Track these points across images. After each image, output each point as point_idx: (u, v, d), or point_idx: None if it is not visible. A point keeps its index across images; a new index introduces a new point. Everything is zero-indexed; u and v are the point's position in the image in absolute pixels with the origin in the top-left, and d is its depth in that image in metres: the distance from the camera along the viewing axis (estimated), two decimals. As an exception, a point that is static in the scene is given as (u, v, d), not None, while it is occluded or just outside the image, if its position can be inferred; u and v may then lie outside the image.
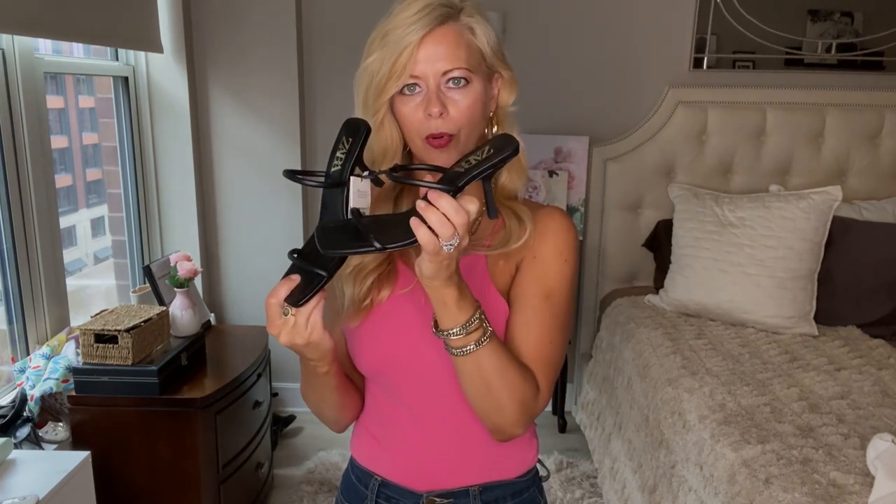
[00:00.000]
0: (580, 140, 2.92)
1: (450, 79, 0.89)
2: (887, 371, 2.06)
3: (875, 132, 2.83)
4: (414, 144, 0.93)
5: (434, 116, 0.88)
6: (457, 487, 0.99)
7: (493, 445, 0.97)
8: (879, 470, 1.41)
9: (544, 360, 0.93)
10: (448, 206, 0.74)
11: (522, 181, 0.98)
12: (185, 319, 2.19)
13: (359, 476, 1.05)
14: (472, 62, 0.90)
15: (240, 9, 2.78)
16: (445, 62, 0.88)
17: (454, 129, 0.90)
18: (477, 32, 0.92)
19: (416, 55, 0.87)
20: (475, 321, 0.83)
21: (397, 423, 1.00)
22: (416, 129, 0.90)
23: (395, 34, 0.88)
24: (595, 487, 2.56)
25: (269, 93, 2.86)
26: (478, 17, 0.93)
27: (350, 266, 0.95)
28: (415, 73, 0.88)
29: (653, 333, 2.39)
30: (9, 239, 2.00)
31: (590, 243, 3.01)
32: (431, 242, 0.74)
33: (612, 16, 2.88)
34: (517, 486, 1.02)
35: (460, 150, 0.91)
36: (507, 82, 0.96)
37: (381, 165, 0.93)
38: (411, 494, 1.00)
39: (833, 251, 2.50)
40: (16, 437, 1.77)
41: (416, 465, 0.99)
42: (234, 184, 2.94)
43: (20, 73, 1.98)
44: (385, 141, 0.93)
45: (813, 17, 2.85)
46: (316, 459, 2.76)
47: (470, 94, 0.90)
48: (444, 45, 0.88)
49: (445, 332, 0.83)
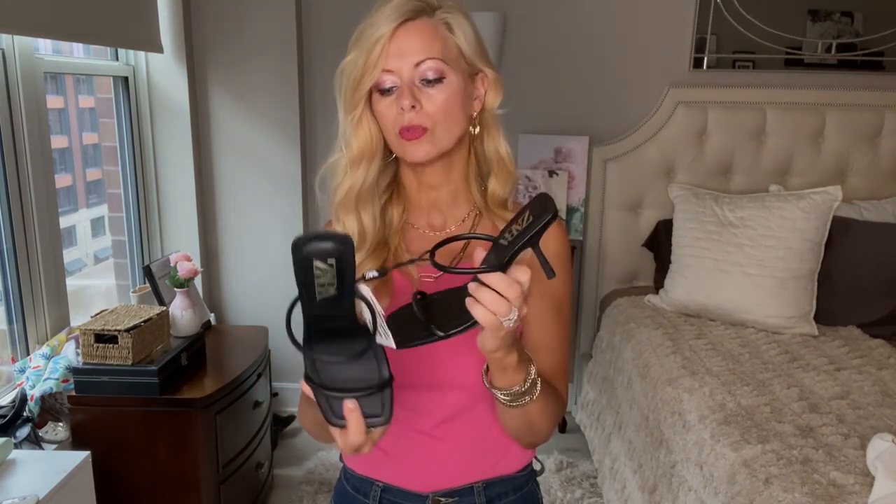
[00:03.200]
0: (580, 140, 2.92)
1: (423, 78, 0.88)
2: (887, 371, 2.06)
3: (875, 132, 2.83)
4: (390, 141, 0.92)
5: (406, 109, 0.88)
6: (461, 486, 0.98)
7: (496, 442, 0.98)
8: (879, 470, 1.41)
9: (563, 371, 0.96)
10: (499, 283, 0.71)
11: (511, 186, 0.98)
12: (185, 319, 2.19)
13: (356, 485, 1.03)
14: (447, 56, 0.90)
15: (240, 9, 2.78)
16: (417, 53, 0.88)
17: (428, 123, 0.89)
18: (454, 28, 0.92)
19: (389, 48, 0.88)
20: (531, 379, 0.84)
21: (398, 427, 0.97)
22: (392, 125, 0.90)
23: (370, 31, 0.89)
24: (595, 487, 2.56)
25: (270, 93, 2.86)
26: (456, 13, 0.92)
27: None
28: (387, 66, 0.88)
29: (653, 333, 2.39)
30: (9, 239, 2.00)
31: (590, 243, 3.01)
32: (490, 320, 0.71)
33: (613, 16, 2.88)
34: (518, 480, 1.02)
35: (437, 147, 0.91)
36: (493, 83, 0.95)
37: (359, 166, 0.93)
38: (416, 497, 0.99)
39: (833, 251, 2.50)
40: (16, 437, 1.77)
41: (420, 467, 0.98)
42: (234, 184, 2.94)
43: (20, 73, 1.98)
44: (364, 139, 0.92)
45: (813, 17, 2.85)
46: (316, 459, 2.76)
47: (445, 89, 0.89)
48: (417, 38, 0.88)
49: (503, 391, 0.84)
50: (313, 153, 3.02)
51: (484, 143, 0.98)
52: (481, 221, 0.99)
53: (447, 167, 0.96)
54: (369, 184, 0.95)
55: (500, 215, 0.97)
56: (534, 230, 0.71)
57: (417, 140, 0.90)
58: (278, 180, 2.93)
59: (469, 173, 0.99)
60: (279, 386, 3.00)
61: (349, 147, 0.93)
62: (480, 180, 1.00)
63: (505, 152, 0.97)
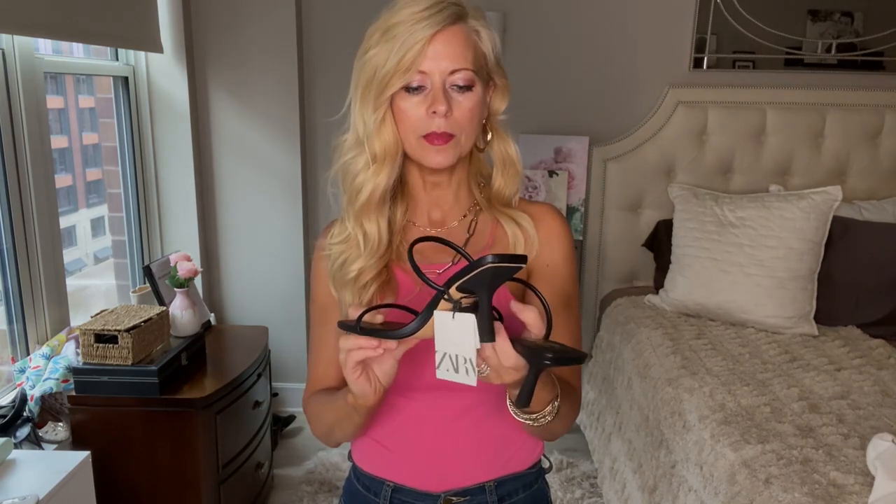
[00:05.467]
0: (580, 140, 2.92)
1: (454, 84, 0.88)
2: (887, 371, 2.06)
3: (875, 132, 2.83)
4: (408, 142, 0.91)
5: (440, 115, 0.87)
6: (473, 485, 0.98)
7: (506, 440, 0.98)
8: (879, 470, 1.41)
9: (577, 368, 0.97)
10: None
11: (516, 185, 0.98)
12: (185, 319, 2.19)
13: (366, 484, 1.03)
14: (476, 65, 0.90)
15: (240, 9, 2.78)
16: (453, 61, 0.87)
17: (456, 130, 0.89)
18: (483, 37, 0.92)
19: (426, 52, 0.86)
20: (555, 406, 0.85)
21: (408, 428, 0.98)
22: (415, 126, 0.89)
23: (403, 28, 0.86)
24: (595, 487, 2.56)
25: (270, 92, 2.86)
26: (483, 21, 0.92)
27: (353, 272, 0.94)
28: (422, 68, 0.87)
29: (653, 333, 2.39)
30: (9, 239, 2.00)
31: (590, 243, 3.01)
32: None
33: (613, 16, 2.88)
34: (527, 478, 1.03)
35: (458, 153, 0.91)
36: (500, 90, 0.96)
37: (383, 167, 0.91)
38: (428, 496, 0.98)
39: (833, 251, 2.50)
40: (16, 437, 1.77)
41: (432, 466, 0.98)
42: (234, 184, 2.94)
43: (20, 73, 1.98)
44: (388, 139, 0.91)
45: (813, 17, 2.85)
46: (316, 459, 2.76)
47: (473, 98, 0.89)
48: (454, 45, 0.87)
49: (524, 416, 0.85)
50: (313, 153, 3.02)
51: (493, 146, 0.98)
52: (481, 217, 1.00)
53: (453, 167, 0.96)
54: (390, 186, 0.94)
55: (503, 211, 0.97)
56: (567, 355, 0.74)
57: (444, 146, 0.89)
58: (278, 180, 2.93)
59: (470, 171, 1.00)
60: (279, 386, 3.00)
61: (371, 146, 0.91)
62: (480, 178, 1.01)
63: (514, 154, 0.98)
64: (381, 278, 0.95)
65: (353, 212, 0.94)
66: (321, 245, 1.00)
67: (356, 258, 0.94)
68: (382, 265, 0.95)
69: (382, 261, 0.95)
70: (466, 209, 1.00)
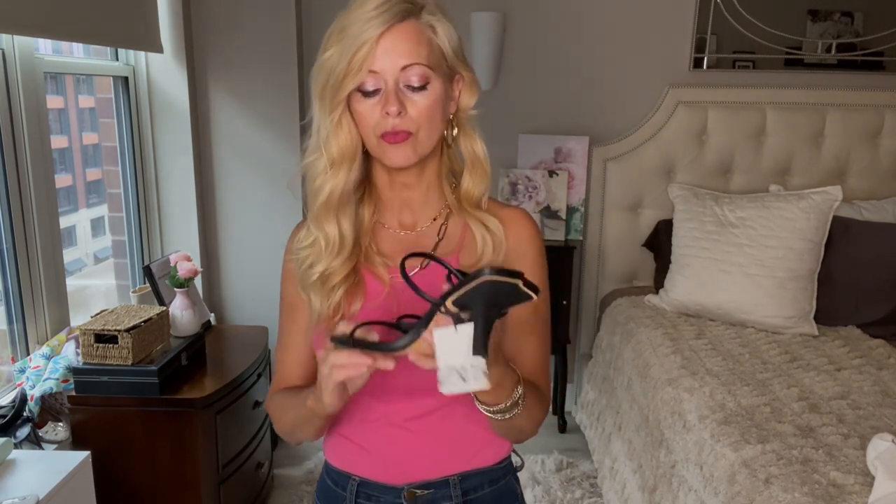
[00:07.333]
0: (580, 140, 2.92)
1: (408, 84, 0.87)
2: (887, 371, 2.06)
3: (875, 132, 2.83)
4: (369, 142, 0.91)
5: (392, 115, 0.87)
6: (436, 478, 0.98)
7: (472, 436, 0.98)
8: (879, 470, 1.41)
9: (544, 370, 0.97)
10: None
11: (485, 185, 0.97)
12: (185, 319, 2.19)
13: (335, 479, 1.04)
14: (432, 60, 0.89)
15: (240, 9, 2.78)
16: (405, 57, 0.87)
17: (412, 128, 0.89)
18: (438, 31, 0.91)
19: (375, 50, 0.86)
20: (516, 396, 0.85)
21: (375, 423, 0.98)
22: (373, 126, 0.89)
23: (354, 29, 0.86)
24: (595, 487, 2.56)
25: (270, 93, 2.86)
26: (440, 15, 0.91)
27: (316, 273, 0.94)
28: (373, 68, 0.86)
29: (653, 333, 2.39)
30: (9, 239, 2.00)
31: (590, 243, 3.01)
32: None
33: (613, 16, 2.88)
34: (494, 473, 1.02)
35: (419, 151, 0.91)
36: (468, 84, 0.95)
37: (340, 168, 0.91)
38: (391, 490, 0.99)
39: (833, 251, 2.50)
40: (16, 437, 1.77)
41: (395, 461, 0.98)
42: (234, 184, 2.93)
43: (20, 73, 1.98)
44: (344, 140, 0.91)
45: (813, 17, 2.85)
46: (316, 459, 2.76)
47: (429, 95, 0.89)
48: (405, 41, 0.87)
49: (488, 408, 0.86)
50: (313, 153, 3.01)
51: (460, 144, 0.97)
52: (452, 220, 0.99)
53: (421, 167, 0.96)
54: (350, 187, 0.94)
55: (472, 214, 0.96)
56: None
57: (400, 144, 0.89)
58: (278, 180, 2.93)
59: (441, 171, 0.99)
60: (279, 386, 2.99)
61: (328, 149, 0.91)
62: (452, 178, 1.00)
63: (481, 152, 0.96)
64: (349, 281, 0.95)
65: (313, 214, 0.95)
66: (288, 248, 1.02)
67: (319, 260, 0.94)
68: (350, 267, 0.95)
69: (349, 263, 0.95)
70: (437, 211, 1.00)
